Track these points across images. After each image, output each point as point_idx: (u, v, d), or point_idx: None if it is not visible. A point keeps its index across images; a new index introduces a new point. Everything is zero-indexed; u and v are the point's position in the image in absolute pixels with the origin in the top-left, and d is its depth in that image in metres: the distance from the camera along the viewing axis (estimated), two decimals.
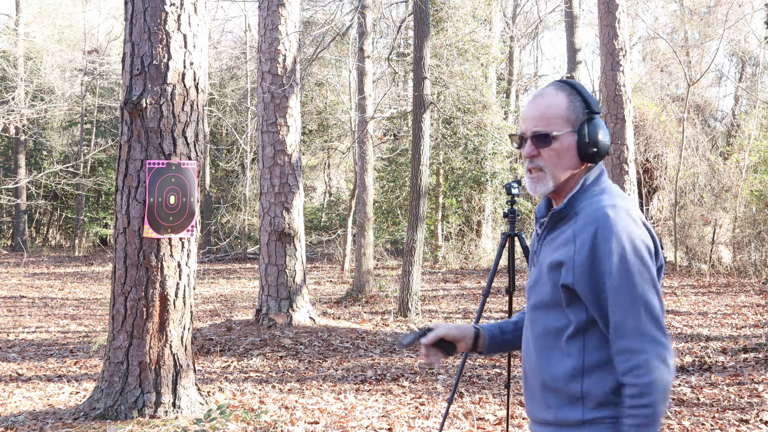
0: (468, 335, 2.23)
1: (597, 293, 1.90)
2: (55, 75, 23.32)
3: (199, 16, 5.57)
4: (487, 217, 19.29)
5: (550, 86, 2.07)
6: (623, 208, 1.92)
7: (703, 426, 5.34)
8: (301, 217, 9.43)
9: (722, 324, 9.64)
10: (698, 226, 16.19)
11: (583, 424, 1.94)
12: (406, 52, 18.05)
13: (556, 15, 26.30)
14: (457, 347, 2.22)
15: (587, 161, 2.03)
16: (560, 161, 2.02)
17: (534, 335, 2.05)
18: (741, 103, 24.54)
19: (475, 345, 2.25)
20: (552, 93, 2.04)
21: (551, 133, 2.01)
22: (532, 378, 2.06)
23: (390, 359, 7.85)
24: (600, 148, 2.01)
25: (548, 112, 2.02)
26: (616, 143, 10.46)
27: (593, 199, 1.97)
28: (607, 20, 10.58)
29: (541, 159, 2.04)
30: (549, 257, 1.99)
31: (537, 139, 2.02)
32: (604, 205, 1.92)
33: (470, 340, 2.24)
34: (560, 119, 2.02)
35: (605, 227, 1.88)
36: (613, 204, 1.92)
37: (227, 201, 22.93)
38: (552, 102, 2.03)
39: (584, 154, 2.01)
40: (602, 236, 1.88)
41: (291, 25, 9.42)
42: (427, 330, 2.20)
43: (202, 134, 5.67)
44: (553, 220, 2.04)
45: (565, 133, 2.01)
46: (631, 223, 1.90)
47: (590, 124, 2.02)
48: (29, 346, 8.82)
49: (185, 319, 5.55)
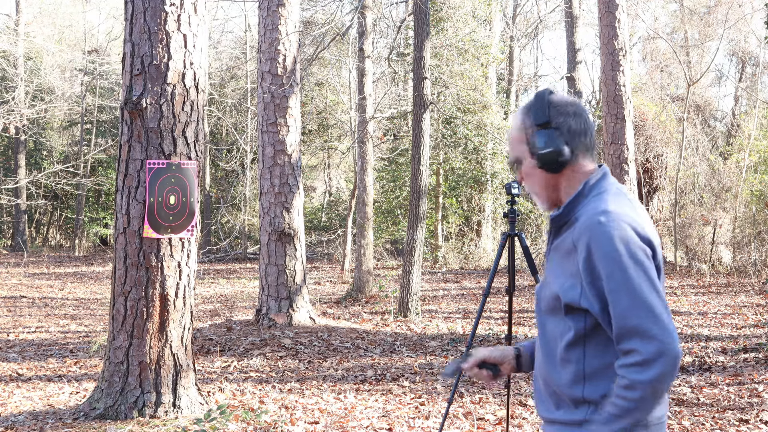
0: (509, 356, 2.29)
1: (602, 301, 1.92)
2: (55, 75, 23.31)
3: (199, 16, 5.57)
4: (487, 217, 19.29)
5: (518, 112, 2.14)
6: (615, 212, 1.92)
7: (703, 426, 5.35)
8: (301, 217, 9.43)
9: (722, 324, 9.64)
10: (698, 226, 16.19)
11: (587, 423, 1.98)
12: (406, 52, 18.05)
13: (556, 15, 26.29)
14: (501, 369, 2.27)
15: (555, 171, 2.04)
16: (534, 182, 2.09)
17: (542, 339, 2.10)
18: (741, 103, 24.53)
19: (519, 364, 2.30)
20: (517, 116, 2.11)
21: (514, 159, 2.10)
22: (541, 379, 2.11)
23: (390, 359, 7.85)
24: (545, 156, 2.02)
25: (511, 139, 2.11)
26: (615, 143, 10.47)
27: (590, 205, 1.99)
28: (607, 20, 10.58)
29: (524, 182, 2.14)
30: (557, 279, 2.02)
31: (514, 167, 2.13)
32: (597, 212, 1.94)
33: (513, 361, 2.29)
34: (518, 143, 2.09)
35: (597, 234, 1.90)
36: (605, 210, 1.93)
37: (227, 201, 22.93)
38: (515, 127, 2.11)
39: (548, 165, 2.04)
40: (595, 245, 1.91)
41: (291, 25, 9.42)
42: (468, 356, 2.27)
43: (202, 134, 5.67)
44: (555, 226, 2.07)
45: (525, 154, 2.08)
46: (624, 228, 1.90)
47: (535, 135, 2.04)
48: (29, 346, 8.82)
49: (185, 319, 5.55)
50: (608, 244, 1.88)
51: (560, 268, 2.01)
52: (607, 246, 1.88)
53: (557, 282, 2.00)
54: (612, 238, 1.89)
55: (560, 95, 2.09)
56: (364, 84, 13.59)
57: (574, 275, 1.95)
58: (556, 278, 2.01)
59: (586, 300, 1.93)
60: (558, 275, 2.00)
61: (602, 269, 1.89)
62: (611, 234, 1.89)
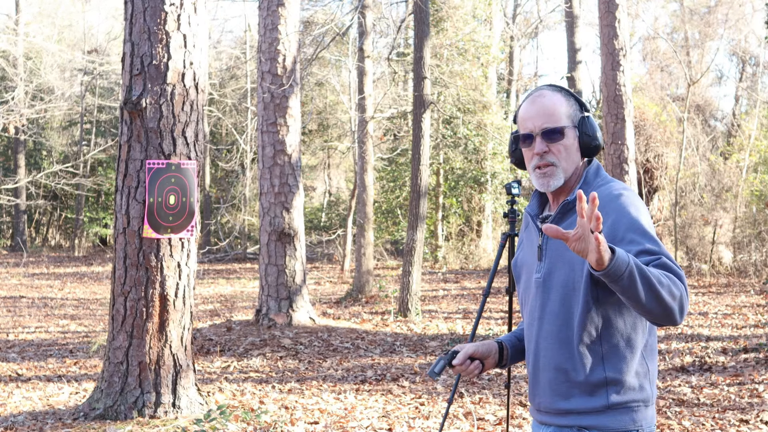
0: (494, 351, 2.27)
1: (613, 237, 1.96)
2: (55, 75, 23.28)
3: (199, 16, 5.56)
4: (487, 217, 19.28)
5: (544, 88, 2.17)
6: (633, 193, 2.05)
7: (703, 426, 5.34)
8: (301, 217, 9.42)
9: (722, 324, 9.63)
10: (698, 226, 16.17)
11: (608, 409, 2.00)
12: (406, 52, 18.04)
13: (556, 15, 26.29)
14: (485, 365, 2.25)
15: (587, 155, 2.15)
16: (569, 155, 2.12)
17: (548, 328, 2.08)
18: (741, 103, 24.54)
19: (501, 359, 2.29)
20: (550, 93, 2.14)
21: (562, 128, 2.10)
22: (550, 371, 2.08)
23: (390, 359, 7.85)
24: (598, 143, 2.13)
25: (554, 109, 2.11)
26: (616, 143, 10.45)
27: (602, 186, 2.08)
28: (607, 20, 10.57)
29: (551, 155, 2.11)
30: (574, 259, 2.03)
31: (547, 135, 2.10)
32: (617, 187, 2.05)
33: (496, 355, 2.28)
34: (564, 116, 2.12)
35: (622, 200, 2.00)
36: (625, 187, 2.07)
37: (227, 201, 22.91)
38: (554, 100, 2.13)
39: (586, 148, 2.13)
40: (619, 205, 1.99)
41: (291, 25, 9.41)
42: (453, 353, 2.23)
43: (202, 134, 5.66)
44: (563, 211, 2.10)
45: (570, 128, 2.12)
46: (641, 203, 2.03)
47: (588, 120, 2.13)
48: (29, 346, 8.82)
49: (185, 319, 5.54)
50: (632, 206, 1.99)
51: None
52: (631, 207, 1.98)
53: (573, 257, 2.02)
54: (635, 203, 2.00)
55: None
56: (364, 84, 13.58)
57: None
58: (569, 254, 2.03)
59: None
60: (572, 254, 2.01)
61: (625, 227, 1.95)
62: (634, 201, 2.00)
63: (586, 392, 2.01)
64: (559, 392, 2.06)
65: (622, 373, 2.00)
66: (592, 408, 2.01)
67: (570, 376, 2.03)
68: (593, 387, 2.00)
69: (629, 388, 2.00)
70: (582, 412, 2.02)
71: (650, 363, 2.06)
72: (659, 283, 1.80)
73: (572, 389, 2.03)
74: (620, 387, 1.99)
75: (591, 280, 1.98)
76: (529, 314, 2.16)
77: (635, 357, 2.02)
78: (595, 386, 2.00)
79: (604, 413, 2.00)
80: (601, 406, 2.00)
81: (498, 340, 2.31)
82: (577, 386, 2.02)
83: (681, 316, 1.86)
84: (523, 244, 2.25)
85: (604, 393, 2.00)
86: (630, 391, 2.01)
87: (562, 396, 2.05)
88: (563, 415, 2.06)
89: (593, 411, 2.01)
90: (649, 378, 2.05)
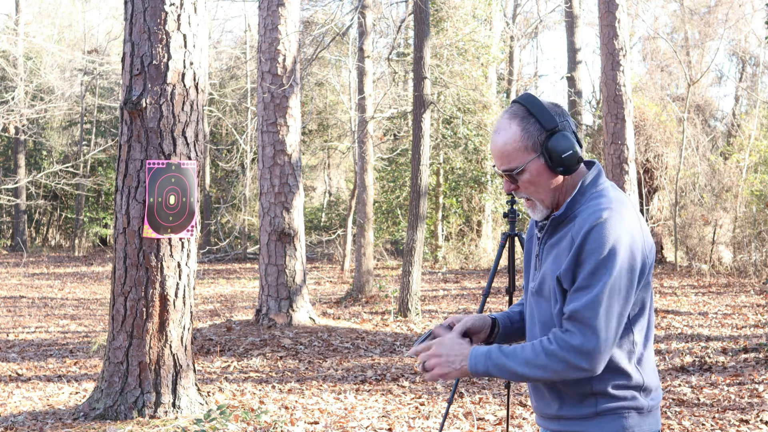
0: (486, 326, 2.27)
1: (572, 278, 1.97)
2: (55, 75, 23.28)
3: (199, 16, 5.56)
4: (487, 217, 19.28)
5: (503, 117, 2.08)
6: (617, 212, 1.96)
7: (703, 426, 5.34)
8: (301, 217, 9.42)
9: (722, 324, 9.63)
10: (698, 226, 16.18)
11: (596, 416, 2.02)
12: (406, 52, 18.04)
13: (556, 15, 26.31)
14: (473, 340, 2.24)
15: (567, 171, 2.05)
16: (538, 187, 2.07)
17: (540, 336, 2.11)
18: (741, 103, 24.54)
19: (490, 335, 2.29)
20: (506, 126, 2.06)
21: (516, 169, 2.05)
22: None
23: (390, 359, 7.85)
24: (570, 158, 2.03)
25: (506, 149, 2.05)
26: (616, 143, 10.45)
27: (590, 203, 2.01)
28: (607, 20, 10.57)
29: (521, 191, 2.10)
30: (555, 271, 2.04)
31: (508, 176, 2.08)
32: (600, 209, 1.97)
33: (487, 330, 2.28)
34: (520, 152, 2.04)
35: (597, 230, 1.94)
36: (608, 207, 1.97)
37: (227, 201, 22.91)
38: (507, 138, 2.05)
39: (559, 166, 2.04)
40: (592, 238, 1.94)
41: (291, 25, 9.41)
42: (429, 332, 2.21)
43: (202, 134, 5.66)
44: (554, 225, 2.09)
45: (530, 161, 2.04)
46: (622, 231, 1.94)
47: (549, 143, 2.02)
48: (29, 346, 8.82)
49: (185, 319, 5.54)
50: (605, 241, 1.93)
51: (558, 261, 2.03)
52: (602, 242, 1.93)
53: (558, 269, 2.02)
54: (608, 237, 1.93)
55: (541, 98, 2.11)
56: (364, 84, 13.58)
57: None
58: (557, 267, 2.03)
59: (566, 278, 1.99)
60: (558, 265, 2.03)
61: (588, 262, 1.93)
62: (608, 233, 1.93)
63: (575, 399, 2.04)
64: (551, 398, 2.10)
65: (609, 386, 2.01)
66: (581, 415, 2.03)
67: (557, 385, 2.06)
68: (582, 396, 2.03)
69: (619, 398, 2.02)
70: (571, 418, 2.05)
71: (645, 374, 2.05)
72: (526, 364, 1.96)
73: (562, 395, 2.06)
74: (608, 397, 2.01)
75: (562, 293, 2.01)
76: (528, 319, 2.20)
77: (624, 370, 2.02)
78: (583, 396, 2.03)
79: (592, 419, 2.02)
80: (590, 413, 2.02)
81: (492, 316, 2.31)
82: (567, 394, 2.06)
83: (578, 370, 1.93)
84: (529, 249, 2.26)
85: (593, 402, 2.02)
86: (620, 400, 2.02)
87: (552, 401, 2.09)
88: (554, 419, 2.10)
89: (582, 417, 2.04)
90: (643, 388, 2.05)
